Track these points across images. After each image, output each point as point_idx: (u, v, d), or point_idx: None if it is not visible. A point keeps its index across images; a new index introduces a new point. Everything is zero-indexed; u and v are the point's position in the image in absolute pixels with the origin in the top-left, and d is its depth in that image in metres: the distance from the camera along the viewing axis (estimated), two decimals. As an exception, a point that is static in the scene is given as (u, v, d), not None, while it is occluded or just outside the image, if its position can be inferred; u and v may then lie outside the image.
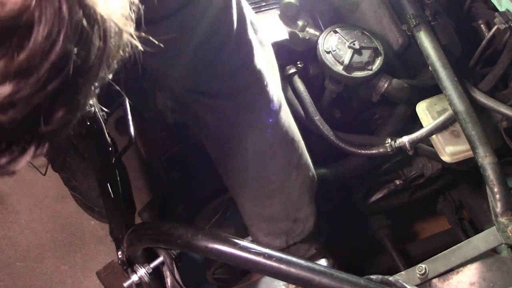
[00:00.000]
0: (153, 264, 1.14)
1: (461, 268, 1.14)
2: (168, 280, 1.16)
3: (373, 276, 1.00)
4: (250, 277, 1.32)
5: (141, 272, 1.13)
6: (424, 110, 1.44)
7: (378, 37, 1.45)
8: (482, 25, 1.46)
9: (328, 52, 1.42)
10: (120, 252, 1.19)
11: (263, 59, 1.04)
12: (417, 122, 1.48)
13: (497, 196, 1.15)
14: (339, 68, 1.40)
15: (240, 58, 0.99)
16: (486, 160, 1.19)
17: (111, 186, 1.28)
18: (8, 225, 2.08)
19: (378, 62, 1.42)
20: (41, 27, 0.42)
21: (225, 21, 0.90)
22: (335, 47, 1.42)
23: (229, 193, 1.41)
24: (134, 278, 1.13)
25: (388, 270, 1.70)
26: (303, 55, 1.53)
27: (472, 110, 1.26)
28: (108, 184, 1.29)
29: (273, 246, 1.23)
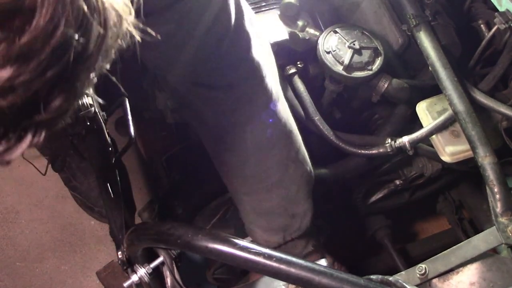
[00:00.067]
0: (153, 264, 1.14)
1: (461, 268, 1.14)
2: (168, 280, 1.16)
3: (373, 276, 1.00)
4: (250, 277, 1.32)
5: (141, 272, 1.13)
6: (424, 110, 1.44)
7: (378, 37, 1.45)
8: (482, 25, 1.46)
9: (328, 52, 1.42)
10: (120, 252, 1.19)
11: (261, 52, 1.05)
12: (417, 122, 1.48)
13: (497, 196, 1.15)
14: (339, 68, 1.40)
15: (239, 50, 1.00)
16: (486, 160, 1.19)
17: (111, 186, 1.28)
18: (8, 225, 2.08)
19: (378, 62, 1.42)
20: (43, 11, 0.42)
21: (224, 13, 0.90)
22: (335, 47, 1.42)
23: (229, 193, 1.41)
24: (134, 278, 1.13)
25: (388, 270, 1.70)
26: (303, 55, 1.53)
27: (472, 110, 1.26)
28: (108, 184, 1.29)
29: (270, 242, 1.23)
